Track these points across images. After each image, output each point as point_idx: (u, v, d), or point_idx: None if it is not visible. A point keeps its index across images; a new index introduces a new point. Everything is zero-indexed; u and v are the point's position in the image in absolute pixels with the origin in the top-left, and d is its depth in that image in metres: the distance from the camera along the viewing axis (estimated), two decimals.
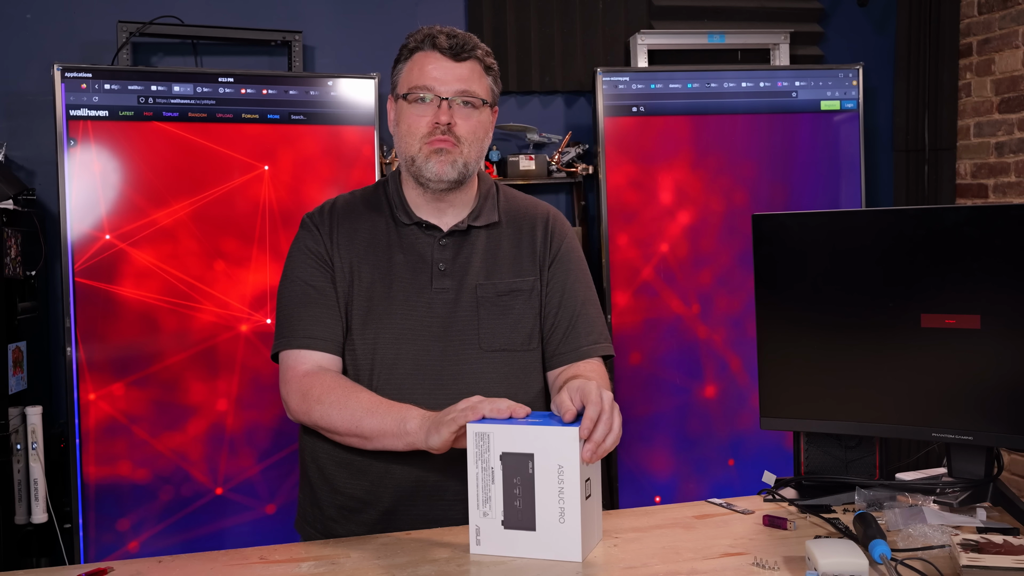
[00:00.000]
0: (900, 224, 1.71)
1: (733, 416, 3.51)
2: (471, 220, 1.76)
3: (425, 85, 1.68)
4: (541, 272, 1.77)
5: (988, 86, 3.88)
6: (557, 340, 1.77)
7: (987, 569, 1.32)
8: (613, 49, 3.78)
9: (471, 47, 1.71)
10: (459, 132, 1.68)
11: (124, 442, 2.94)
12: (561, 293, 1.78)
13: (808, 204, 3.57)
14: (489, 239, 1.77)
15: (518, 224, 1.80)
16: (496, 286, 1.73)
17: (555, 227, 1.81)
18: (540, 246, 1.78)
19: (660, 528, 1.61)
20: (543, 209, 1.84)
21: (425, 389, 1.69)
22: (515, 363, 1.73)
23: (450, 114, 1.68)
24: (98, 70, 2.98)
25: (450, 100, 1.68)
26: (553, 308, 1.77)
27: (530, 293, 1.75)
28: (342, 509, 1.72)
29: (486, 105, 1.73)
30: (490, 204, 1.79)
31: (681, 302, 3.49)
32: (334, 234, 1.76)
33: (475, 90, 1.70)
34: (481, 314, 1.71)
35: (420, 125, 1.69)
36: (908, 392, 1.68)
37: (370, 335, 1.71)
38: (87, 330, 2.92)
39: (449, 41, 1.69)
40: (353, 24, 3.55)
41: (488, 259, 1.75)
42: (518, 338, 1.73)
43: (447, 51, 1.69)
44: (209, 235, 3.04)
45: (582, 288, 1.81)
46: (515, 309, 1.73)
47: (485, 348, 1.71)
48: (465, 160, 1.70)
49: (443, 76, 1.68)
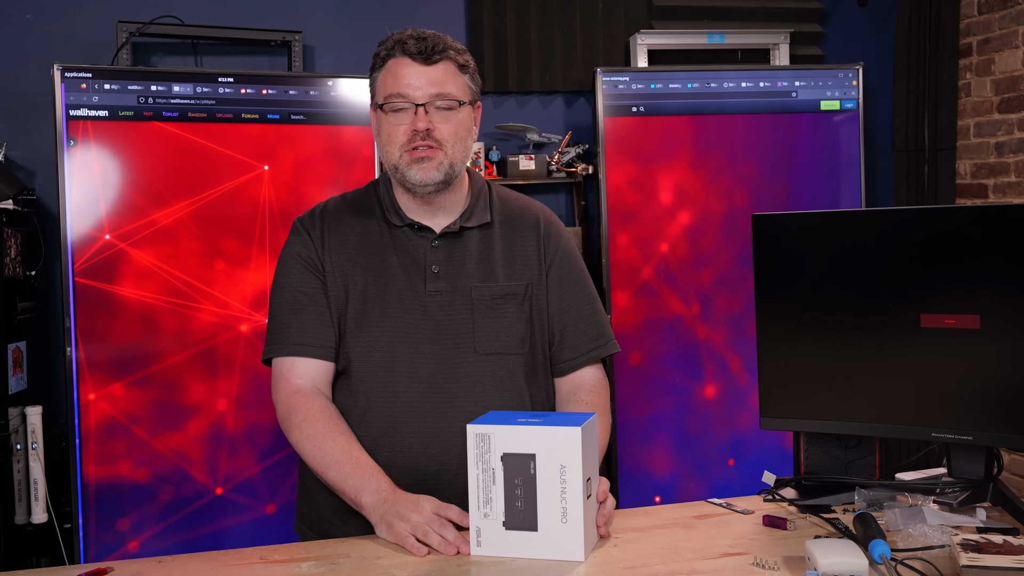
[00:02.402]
0: (900, 224, 1.71)
1: (733, 416, 3.51)
2: (463, 221, 1.76)
3: (400, 93, 1.67)
4: (536, 278, 1.77)
5: (988, 86, 3.88)
6: (565, 347, 1.78)
7: (987, 569, 1.32)
8: (613, 49, 3.78)
9: (441, 48, 1.69)
10: (439, 136, 1.68)
11: (124, 442, 2.94)
12: (562, 300, 1.78)
13: (808, 204, 3.57)
14: (482, 240, 1.76)
15: (511, 225, 1.79)
16: (491, 289, 1.73)
17: (549, 230, 1.81)
18: (535, 251, 1.78)
19: (660, 528, 1.61)
20: (535, 211, 1.83)
21: (420, 392, 1.68)
22: (509, 367, 1.73)
23: (428, 120, 1.67)
24: (98, 70, 2.98)
25: (426, 105, 1.67)
26: (556, 315, 1.78)
27: (523, 297, 1.75)
28: (338, 511, 1.72)
29: (464, 104, 1.72)
30: (482, 204, 1.79)
31: (681, 302, 3.49)
32: (325, 238, 1.75)
33: (450, 91, 1.69)
34: (476, 317, 1.71)
35: (399, 134, 1.68)
36: (908, 392, 1.68)
37: (365, 338, 1.71)
38: (87, 330, 2.92)
39: (418, 45, 1.68)
40: (353, 24, 3.55)
41: (482, 261, 1.75)
42: (512, 342, 1.73)
43: (417, 56, 1.68)
44: (209, 235, 3.04)
45: (581, 290, 1.81)
46: (509, 313, 1.73)
47: (480, 351, 1.71)
48: (450, 161, 1.70)
49: (416, 81, 1.67)
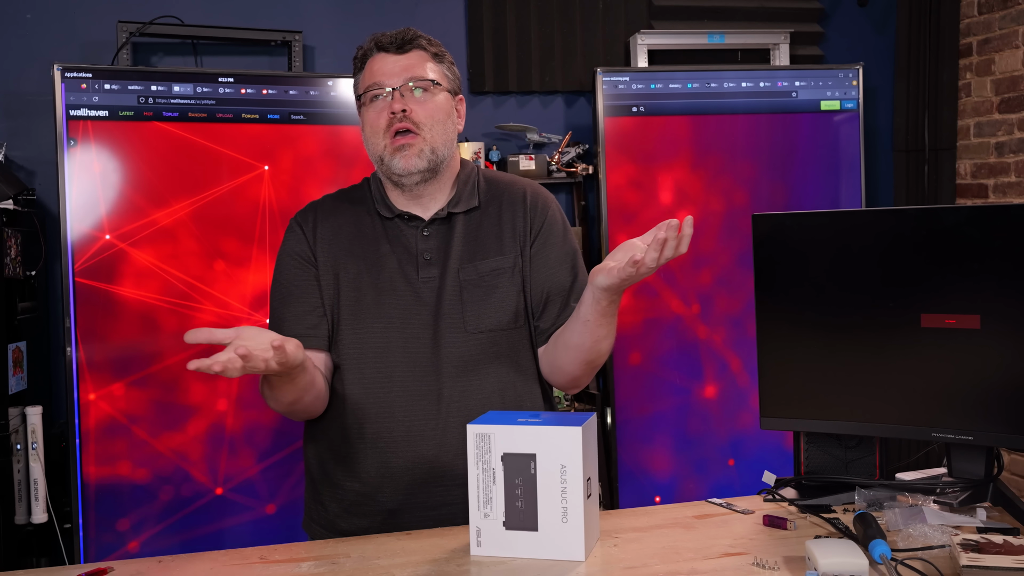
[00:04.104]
0: (900, 224, 1.71)
1: (733, 416, 3.51)
2: (451, 207, 1.78)
3: (376, 82, 1.74)
4: (523, 249, 1.78)
5: (988, 86, 3.88)
6: (553, 315, 1.78)
7: (987, 569, 1.32)
8: (613, 49, 3.78)
9: (412, 37, 1.77)
10: (416, 118, 1.72)
11: (124, 442, 2.94)
12: (548, 268, 1.79)
13: (808, 204, 3.57)
14: (469, 222, 1.78)
15: (498, 203, 1.81)
16: (478, 268, 1.75)
17: (535, 202, 1.82)
18: (521, 223, 1.79)
19: (660, 528, 1.61)
20: (521, 185, 1.85)
21: (416, 375, 1.71)
22: (503, 342, 1.74)
23: (403, 102, 1.72)
24: (98, 70, 2.98)
25: (400, 88, 1.72)
26: (542, 284, 1.78)
27: (512, 270, 1.76)
28: (343, 503, 1.74)
29: (440, 87, 1.76)
30: (470, 189, 1.81)
31: (681, 302, 3.49)
32: (317, 230, 1.79)
33: (424, 74, 1.75)
34: (464, 297, 1.73)
35: (380, 121, 1.74)
36: (908, 392, 1.68)
37: (359, 326, 1.73)
38: (87, 330, 2.92)
39: (392, 38, 1.76)
40: (353, 24, 3.55)
41: (469, 242, 1.76)
42: (504, 317, 1.74)
43: (391, 47, 1.76)
44: (209, 235, 3.04)
45: (563, 259, 1.81)
46: (499, 288, 1.75)
47: (471, 330, 1.72)
48: (431, 146, 1.73)
49: (391, 69, 1.74)
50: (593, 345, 1.69)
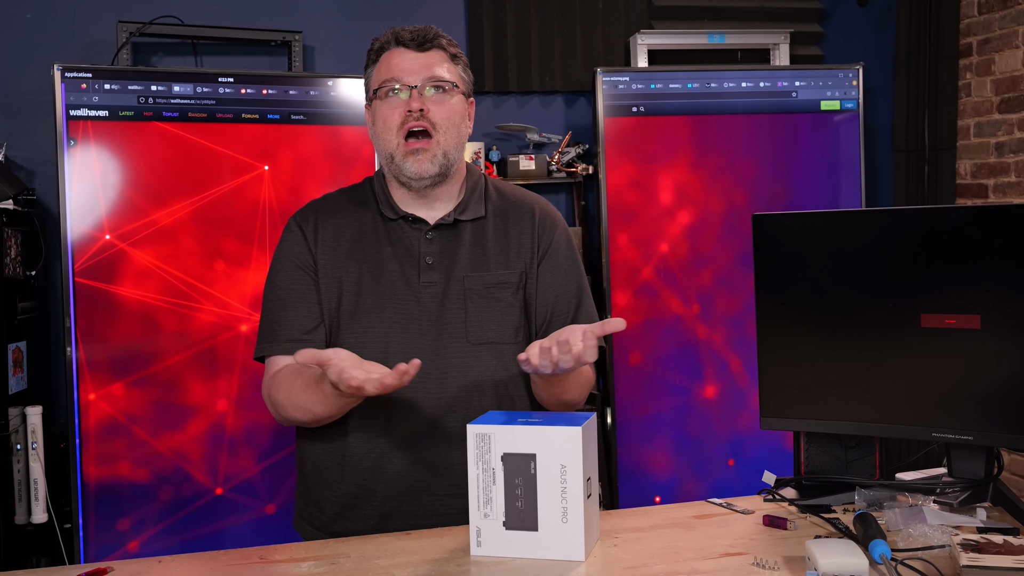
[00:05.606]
0: (900, 224, 1.71)
1: (733, 416, 3.51)
2: (457, 214, 1.76)
3: (393, 77, 1.71)
4: (529, 267, 1.77)
5: (988, 86, 3.88)
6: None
7: (987, 569, 1.32)
8: (613, 49, 3.78)
9: (433, 36, 1.74)
10: (433, 118, 1.70)
11: (124, 442, 2.94)
12: (555, 290, 1.77)
13: (808, 204, 3.57)
14: (476, 231, 1.77)
15: (505, 215, 1.79)
16: (484, 278, 1.73)
17: (544, 220, 1.81)
18: (528, 240, 1.78)
19: (660, 528, 1.61)
20: (531, 201, 1.84)
21: (415, 383, 1.68)
22: (503, 356, 1.73)
23: (421, 101, 1.69)
24: (98, 70, 2.98)
25: (419, 87, 1.70)
26: (547, 304, 1.77)
27: (517, 286, 1.75)
28: (337, 505, 1.73)
29: (457, 90, 1.74)
30: (477, 197, 1.79)
31: (681, 302, 3.49)
32: (318, 231, 1.76)
33: (443, 75, 1.72)
34: (468, 307, 1.71)
35: (394, 117, 1.70)
36: (908, 392, 1.68)
37: (359, 329, 1.71)
38: (87, 330, 2.92)
39: (412, 34, 1.73)
40: (353, 24, 3.55)
41: (475, 251, 1.75)
42: (506, 331, 1.73)
43: (411, 43, 1.73)
44: (209, 235, 3.04)
45: (570, 281, 1.80)
46: (502, 301, 1.73)
47: (472, 341, 1.71)
48: (444, 151, 1.71)
49: (410, 66, 1.71)
50: (558, 396, 1.70)
